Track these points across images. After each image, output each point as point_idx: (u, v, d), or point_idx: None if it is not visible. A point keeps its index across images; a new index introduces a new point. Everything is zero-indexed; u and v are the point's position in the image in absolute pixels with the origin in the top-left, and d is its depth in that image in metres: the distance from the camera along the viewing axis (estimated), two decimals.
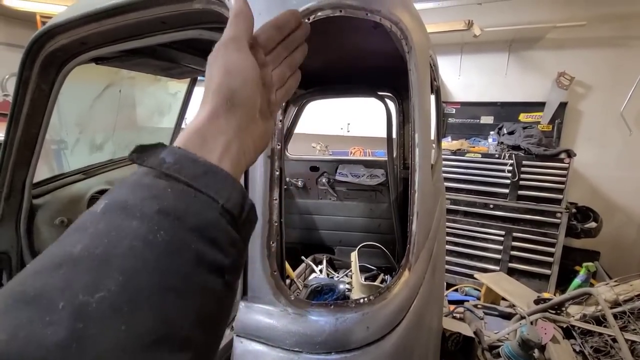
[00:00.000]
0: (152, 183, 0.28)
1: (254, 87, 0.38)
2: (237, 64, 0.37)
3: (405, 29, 0.66)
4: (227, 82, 0.36)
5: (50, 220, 1.32)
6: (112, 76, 1.87)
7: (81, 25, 0.88)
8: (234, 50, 0.37)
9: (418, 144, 0.75)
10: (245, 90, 0.37)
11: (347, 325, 0.55)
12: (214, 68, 0.37)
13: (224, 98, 0.36)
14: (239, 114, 0.36)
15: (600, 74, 3.39)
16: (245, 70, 0.37)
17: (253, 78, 0.38)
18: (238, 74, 0.37)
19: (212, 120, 0.34)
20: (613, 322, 1.52)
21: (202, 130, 0.34)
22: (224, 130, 0.35)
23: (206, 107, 0.35)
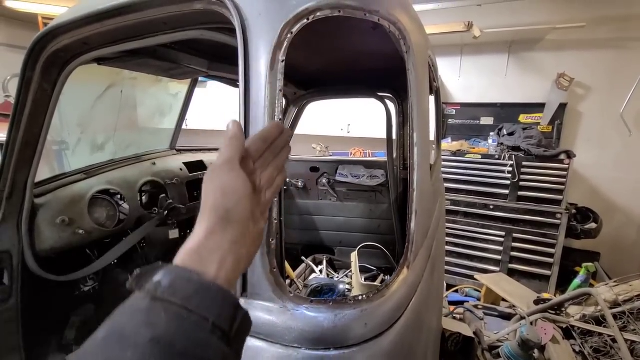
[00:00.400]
0: (148, 307, 0.31)
1: (247, 203, 0.42)
2: (231, 184, 0.41)
3: (404, 29, 0.67)
4: (222, 203, 0.40)
5: (51, 219, 1.33)
6: (113, 77, 1.88)
7: (83, 25, 0.89)
8: (228, 171, 0.42)
9: (417, 143, 0.75)
10: (239, 208, 0.41)
11: (346, 321, 0.56)
12: (209, 188, 0.41)
13: (220, 217, 0.40)
14: (233, 230, 0.40)
15: (600, 75, 3.40)
16: (239, 189, 0.42)
17: (246, 194, 0.42)
18: (232, 193, 0.41)
19: (209, 238, 0.38)
20: (613, 323, 1.52)
21: (200, 248, 0.38)
22: (220, 246, 0.39)
23: (203, 225, 0.39)
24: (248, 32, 0.59)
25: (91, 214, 1.50)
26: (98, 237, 1.54)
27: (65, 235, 1.37)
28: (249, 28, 0.59)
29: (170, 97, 2.16)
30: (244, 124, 0.60)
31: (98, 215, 1.54)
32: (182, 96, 2.14)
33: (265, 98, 0.58)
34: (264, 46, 0.58)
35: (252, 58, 0.59)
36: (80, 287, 1.68)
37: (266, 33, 0.58)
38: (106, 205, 1.59)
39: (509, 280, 2.92)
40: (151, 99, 2.20)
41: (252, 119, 0.59)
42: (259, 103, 0.58)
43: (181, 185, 1.97)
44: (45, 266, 1.33)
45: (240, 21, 0.59)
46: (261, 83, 0.58)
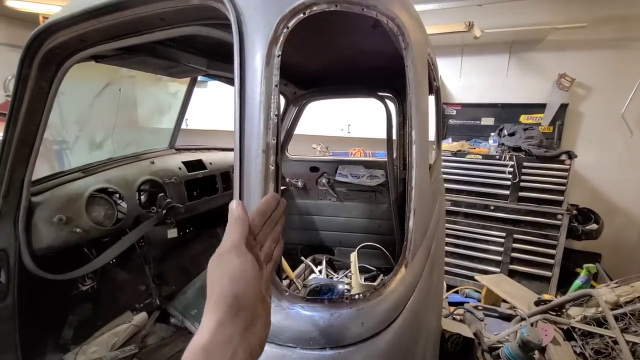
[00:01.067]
0: None
1: (256, 286, 0.42)
2: (239, 269, 0.41)
3: (402, 26, 0.66)
4: (230, 290, 0.39)
5: (48, 218, 1.33)
6: (112, 75, 1.88)
7: (80, 22, 0.88)
8: (235, 256, 0.41)
9: (415, 141, 0.75)
10: (248, 293, 0.40)
11: (342, 320, 0.55)
12: (215, 276, 0.41)
13: (229, 305, 0.39)
14: (244, 316, 0.39)
15: (601, 75, 3.39)
16: (247, 273, 0.41)
17: (255, 277, 0.42)
18: (241, 279, 0.40)
19: (218, 331, 0.37)
20: (614, 324, 1.51)
21: (209, 345, 0.36)
22: (231, 339, 0.38)
23: (211, 316, 0.38)
24: (243, 27, 0.58)
25: (89, 212, 1.49)
26: (96, 236, 1.53)
27: (63, 234, 1.37)
28: (245, 22, 0.58)
29: (170, 96, 2.15)
30: (239, 119, 0.59)
31: (96, 214, 1.53)
32: (181, 95, 2.14)
33: (260, 94, 0.57)
34: (259, 41, 0.57)
35: (247, 53, 0.58)
36: (78, 286, 1.68)
37: (262, 27, 0.57)
38: (104, 204, 1.58)
39: (509, 281, 2.90)
40: (150, 97, 2.20)
41: (248, 115, 0.58)
42: (255, 99, 0.58)
43: (180, 185, 1.97)
44: (42, 265, 1.32)
45: (236, 16, 0.58)
46: (257, 78, 0.57)
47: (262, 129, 0.57)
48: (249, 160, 0.58)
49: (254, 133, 0.57)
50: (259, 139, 0.57)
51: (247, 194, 0.59)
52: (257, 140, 0.57)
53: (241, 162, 0.58)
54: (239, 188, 0.59)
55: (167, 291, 2.10)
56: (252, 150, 0.58)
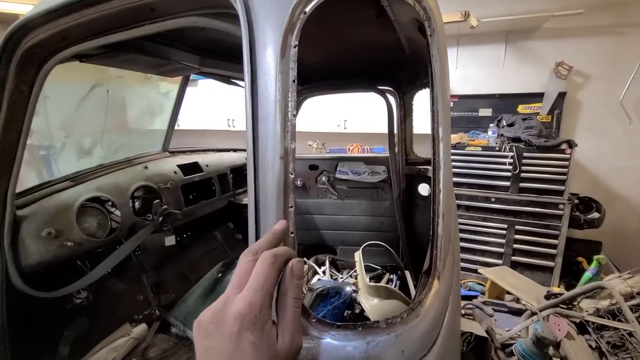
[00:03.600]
0: None
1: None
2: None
3: (428, 8, 0.59)
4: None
5: (36, 232, 1.23)
6: (98, 75, 1.77)
7: (60, 16, 0.79)
8: (257, 336, 0.34)
9: (442, 139, 0.68)
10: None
11: (380, 350, 0.48)
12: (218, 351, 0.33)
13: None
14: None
15: (599, 62, 3.36)
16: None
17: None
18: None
19: None
20: (631, 317, 1.48)
21: None
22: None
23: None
24: (253, 14, 0.50)
25: (80, 224, 1.40)
26: (89, 248, 1.44)
27: (53, 249, 1.27)
28: (254, 9, 0.50)
29: (161, 96, 2.05)
30: (251, 121, 0.51)
31: (88, 224, 1.44)
32: (173, 95, 2.04)
33: (276, 91, 0.49)
34: (271, 30, 0.49)
35: (258, 45, 0.50)
36: (72, 299, 1.59)
37: (275, 14, 0.49)
38: (96, 213, 1.49)
39: (513, 273, 2.87)
40: (140, 98, 2.09)
41: (262, 116, 0.50)
42: (269, 97, 0.50)
43: (176, 189, 1.88)
44: (32, 281, 1.23)
45: (243, 2, 0.50)
46: (270, 73, 0.49)
47: (280, 132, 0.49)
48: (264, 168, 0.50)
49: (269, 137, 0.50)
50: (276, 143, 0.49)
51: (263, 207, 0.51)
52: (274, 145, 0.49)
53: (255, 171, 0.51)
54: (254, 201, 0.51)
55: (167, 300, 2.02)
56: (268, 157, 0.50)
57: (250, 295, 0.34)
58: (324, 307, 1.71)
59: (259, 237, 0.50)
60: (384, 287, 1.98)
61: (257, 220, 0.50)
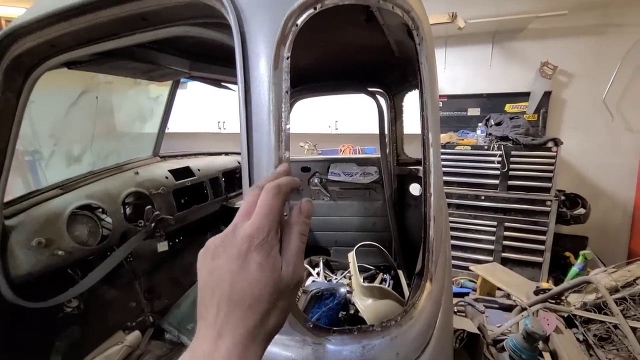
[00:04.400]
0: None
1: (277, 285, 0.35)
2: (261, 275, 0.35)
3: (417, 18, 0.61)
4: (244, 300, 0.34)
5: (26, 242, 1.21)
6: (87, 81, 1.74)
7: (49, 25, 0.78)
8: (263, 257, 0.35)
9: (432, 144, 0.69)
10: (264, 297, 0.34)
11: (375, 353, 0.49)
12: (226, 272, 0.34)
13: (241, 319, 0.33)
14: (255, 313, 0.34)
15: (582, 62, 3.45)
16: (269, 278, 0.35)
17: (277, 278, 0.35)
18: (262, 285, 0.34)
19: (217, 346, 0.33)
20: (617, 310, 1.53)
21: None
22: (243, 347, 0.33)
23: (209, 331, 0.34)
24: (245, 26, 0.51)
25: (71, 232, 1.37)
26: (80, 257, 1.42)
27: (43, 258, 1.25)
28: (246, 21, 0.51)
29: (151, 101, 2.03)
30: (246, 131, 0.52)
31: (79, 233, 1.42)
32: (163, 99, 2.02)
33: (269, 101, 0.50)
34: (264, 42, 0.50)
35: (251, 56, 0.51)
36: (63, 308, 1.56)
37: (267, 26, 0.50)
38: (87, 221, 1.47)
39: (503, 269, 2.93)
40: (130, 103, 2.07)
41: (256, 126, 0.51)
42: (262, 107, 0.51)
43: (168, 195, 1.86)
44: (22, 291, 1.21)
45: (236, 14, 0.51)
46: (264, 84, 0.50)
47: (274, 142, 0.50)
48: (259, 177, 0.51)
49: (264, 146, 0.51)
50: (270, 153, 0.50)
51: None
52: (269, 155, 0.50)
53: (251, 180, 0.51)
54: None
55: (160, 306, 2.00)
56: (263, 167, 0.51)
57: (258, 220, 0.35)
58: (318, 309, 1.72)
59: None
60: (377, 287, 2.00)
61: None
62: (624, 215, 3.55)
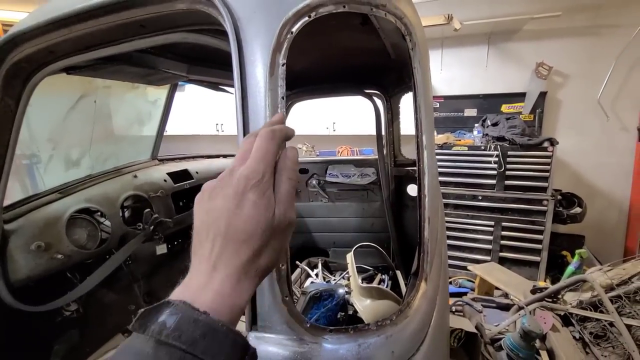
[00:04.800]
0: (151, 352, 0.30)
1: (270, 224, 0.37)
2: (257, 214, 0.36)
3: (410, 24, 0.62)
4: (237, 235, 0.36)
5: (25, 246, 1.22)
6: (85, 86, 1.75)
7: (48, 32, 0.79)
8: (257, 197, 0.37)
9: (426, 146, 0.71)
10: (257, 235, 0.36)
11: (371, 351, 0.50)
12: (222, 208, 0.36)
13: (234, 248, 0.35)
14: (249, 248, 0.36)
15: (577, 62, 3.49)
16: (263, 216, 0.37)
17: (270, 217, 0.37)
18: (255, 223, 0.36)
19: (215, 273, 0.35)
20: (612, 308, 1.54)
21: (207, 284, 0.35)
22: (233, 273, 0.35)
23: (209, 261, 0.36)
24: (242, 34, 0.52)
25: (70, 235, 1.38)
26: (79, 260, 1.43)
27: (42, 262, 1.26)
28: (243, 29, 0.52)
29: (149, 105, 2.04)
30: (242, 135, 0.53)
31: (78, 236, 1.43)
32: (161, 103, 2.03)
33: (265, 107, 0.51)
34: (260, 49, 0.52)
35: (247, 63, 0.52)
36: (62, 312, 1.56)
37: (263, 34, 0.51)
38: (86, 225, 1.47)
39: (501, 269, 2.95)
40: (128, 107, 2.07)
41: (252, 130, 0.52)
42: (259, 113, 0.52)
43: (166, 197, 1.87)
44: (21, 295, 1.22)
45: (232, 22, 0.52)
46: (260, 90, 0.51)
47: None
48: None
49: None
50: None
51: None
52: None
53: None
54: None
55: None
56: None
57: (254, 163, 0.37)
58: (317, 310, 1.73)
59: None
60: (376, 287, 2.01)
61: None
62: (619, 214, 3.58)
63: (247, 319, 0.53)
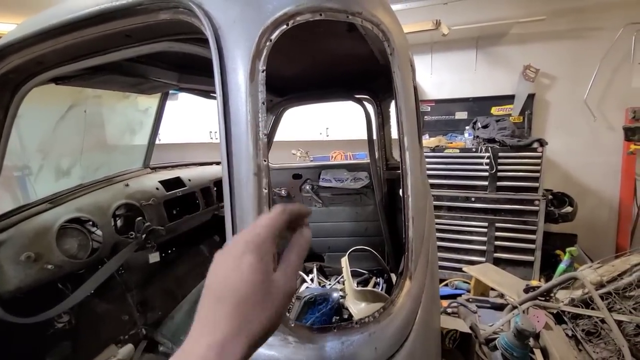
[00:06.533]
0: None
1: (265, 288, 0.37)
2: (252, 275, 0.36)
3: (387, 31, 0.64)
4: (236, 297, 0.35)
5: (15, 256, 1.21)
6: (75, 95, 1.76)
7: (36, 43, 0.80)
8: (255, 258, 0.37)
9: (408, 148, 0.73)
10: (251, 298, 0.36)
11: (354, 348, 0.51)
12: (222, 271, 0.37)
13: (230, 316, 0.34)
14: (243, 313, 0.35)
15: (563, 64, 3.56)
16: (259, 277, 0.37)
17: (264, 280, 0.37)
18: (251, 284, 0.36)
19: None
20: (601, 304, 1.56)
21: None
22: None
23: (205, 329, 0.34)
24: (222, 42, 0.54)
25: (60, 245, 1.38)
26: (70, 270, 1.42)
27: (32, 273, 1.25)
28: (223, 37, 0.54)
29: (140, 114, 2.05)
30: (225, 141, 0.54)
31: (68, 246, 1.42)
32: (152, 112, 2.04)
33: (247, 112, 0.53)
34: (241, 56, 0.53)
35: (228, 70, 0.54)
36: (53, 324, 1.55)
37: (243, 42, 0.53)
38: (77, 234, 1.47)
39: (496, 269, 2.96)
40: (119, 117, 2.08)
41: (234, 135, 0.54)
42: (240, 118, 0.53)
43: (159, 206, 1.87)
44: (11, 307, 1.21)
45: (213, 30, 0.54)
46: (241, 96, 0.53)
47: (252, 150, 0.53)
48: (239, 184, 0.54)
49: (242, 155, 0.53)
50: (249, 161, 0.53)
51: (240, 220, 0.54)
52: (247, 163, 0.53)
53: (231, 187, 0.54)
54: (231, 215, 0.54)
55: (153, 318, 1.99)
56: (242, 174, 0.53)
57: (256, 229, 0.39)
58: (312, 314, 1.73)
59: None
60: (370, 291, 2.02)
61: (234, 234, 0.54)
62: (610, 212, 3.62)
63: None
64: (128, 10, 0.64)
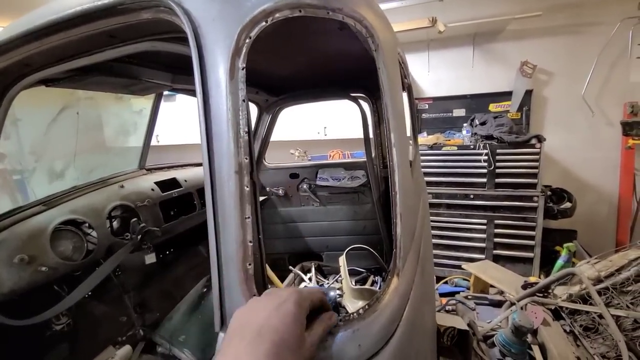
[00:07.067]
0: None
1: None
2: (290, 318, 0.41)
3: (370, 27, 0.64)
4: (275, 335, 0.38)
5: (8, 259, 1.21)
6: (67, 97, 1.75)
7: (20, 45, 0.80)
8: (295, 309, 0.42)
9: (395, 144, 0.72)
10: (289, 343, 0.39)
11: (337, 345, 0.51)
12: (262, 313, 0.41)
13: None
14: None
15: (560, 60, 3.55)
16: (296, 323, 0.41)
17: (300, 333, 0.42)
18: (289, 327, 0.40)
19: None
20: (599, 300, 1.56)
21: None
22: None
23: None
24: (202, 40, 0.54)
25: (55, 247, 1.37)
26: (65, 272, 1.42)
27: (26, 275, 1.25)
28: (203, 35, 0.54)
29: (134, 115, 2.04)
30: (206, 139, 0.54)
31: (63, 248, 1.42)
32: (147, 113, 2.03)
33: (227, 110, 0.53)
34: (220, 54, 0.53)
35: (209, 67, 0.54)
36: (51, 326, 1.55)
37: (222, 39, 0.53)
38: (71, 236, 1.47)
39: (495, 266, 2.96)
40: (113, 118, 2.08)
41: (215, 133, 0.53)
42: (221, 116, 0.53)
43: (154, 206, 1.87)
44: (6, 310, 1.21)
45: (192, 28, 0.54)
46: (221, 94, 0.53)
47: (233, 148, 0.52)
48: (220, 182, 0.53)
49: (223, 153, 0.53)
50: (230, 159, 0.53)
51: (221, 219, 0.54)
52: (228, 161, 0.53)
53: (212, 185, 0.54)
54: (212, 212, 0.54)
55: (151, 319, 1.99)
56: (224, 172, 0.53)
57: (299, 290, 0.45)
58: None
59: (219, 248, 0.53)
60: (367, 289, 2.02)
61: (216, 231, 0.54)
62: (609, 207, 3.61)
63: (217, 319, 0.54)
64: (110, 10, 0.64)
